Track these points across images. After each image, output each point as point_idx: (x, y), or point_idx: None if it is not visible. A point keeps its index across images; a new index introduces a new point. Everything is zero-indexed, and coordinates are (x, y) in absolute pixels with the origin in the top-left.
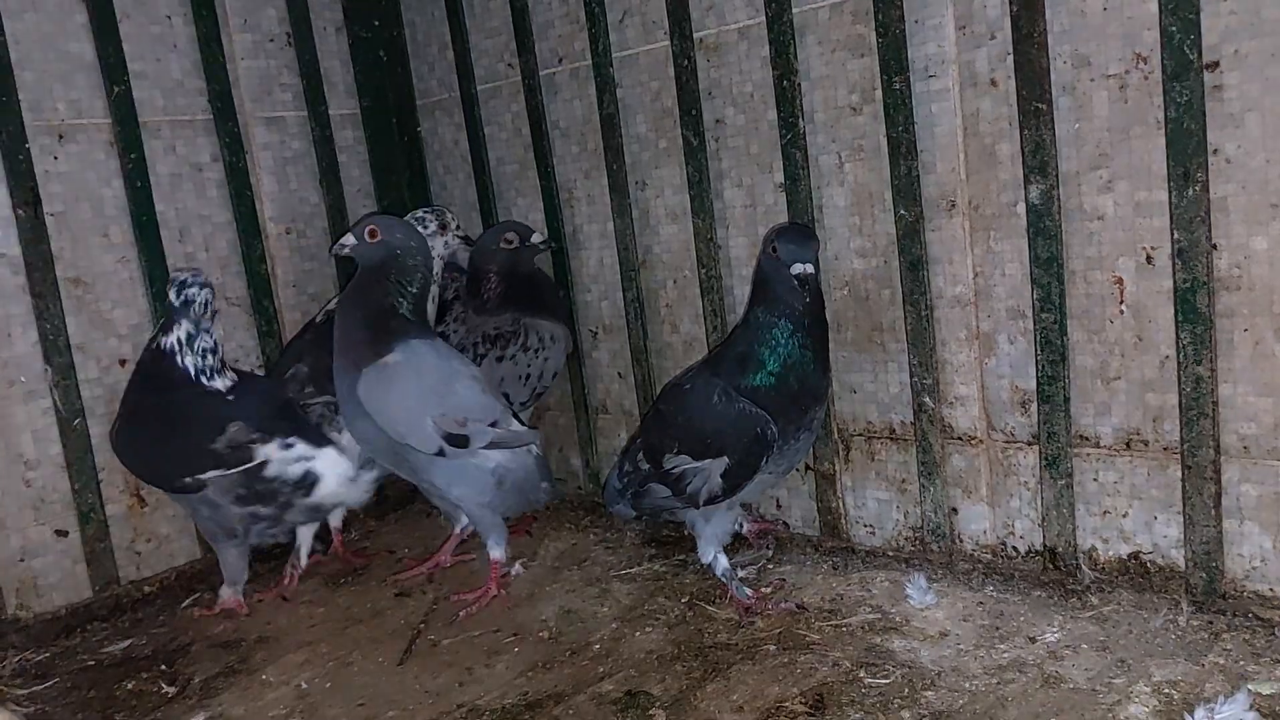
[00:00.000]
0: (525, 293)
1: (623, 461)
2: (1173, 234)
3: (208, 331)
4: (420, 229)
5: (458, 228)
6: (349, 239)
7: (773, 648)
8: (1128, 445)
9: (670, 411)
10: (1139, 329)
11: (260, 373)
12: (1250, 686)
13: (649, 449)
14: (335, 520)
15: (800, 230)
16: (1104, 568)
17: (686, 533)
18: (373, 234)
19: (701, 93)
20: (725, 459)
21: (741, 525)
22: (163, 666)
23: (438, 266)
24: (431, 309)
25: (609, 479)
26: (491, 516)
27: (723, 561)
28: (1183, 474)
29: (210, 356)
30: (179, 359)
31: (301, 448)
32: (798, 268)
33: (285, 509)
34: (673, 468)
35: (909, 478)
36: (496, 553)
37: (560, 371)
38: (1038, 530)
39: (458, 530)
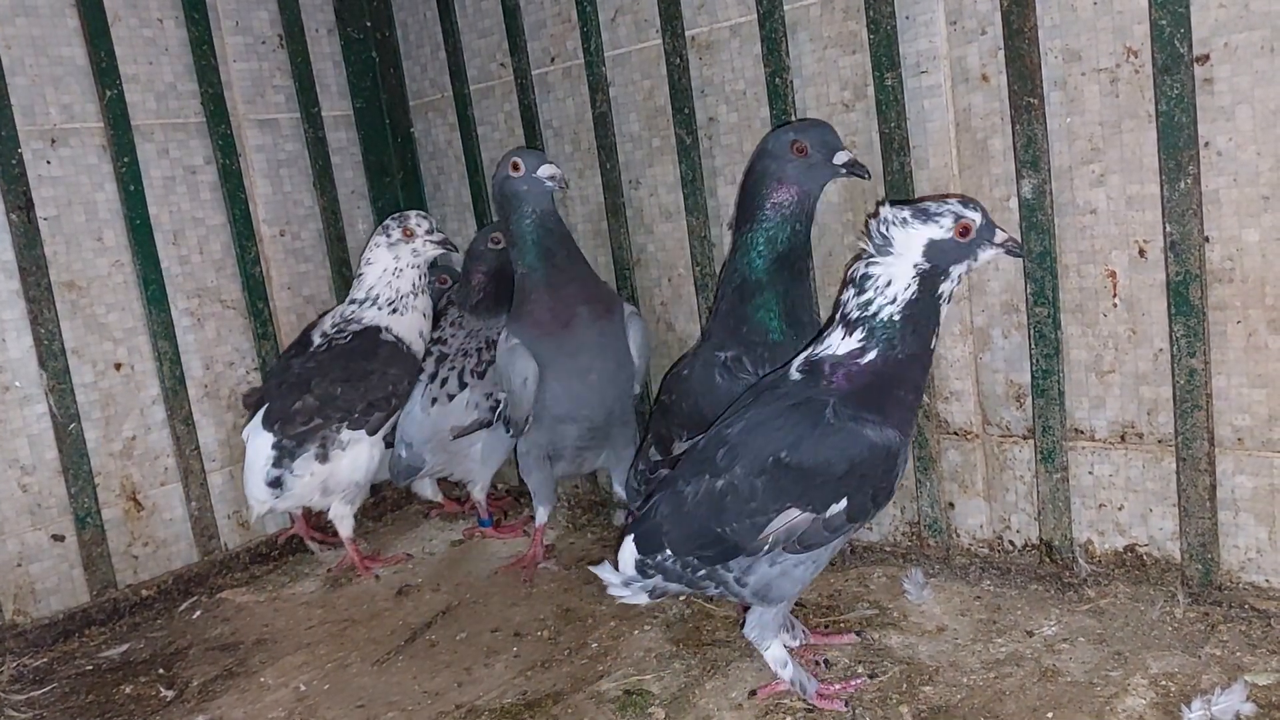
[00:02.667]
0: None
1: (637, 460)
2: (1165, 227)
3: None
4: (384, 237)
5: (429, 232)
6: (556, 169)
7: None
8: (1122, 438)
9: (673, 400)
10: (1132, 322)
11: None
12: (1247, 677)
13: (659, 440)
14: (346, 530)
15: (817, 122)
16: (1100, 561)
17: None
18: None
19: (694, 91)
20: None
21: None
22: (161, 670)
23: (413, 276)
24: (426, 325)
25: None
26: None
27: None
28: (1178, 466)
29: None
30: None
31: None
32: (842, 155)
33: None
34: (682, 453)
35: (905, 473)
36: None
37: None
38: (1034, 524)
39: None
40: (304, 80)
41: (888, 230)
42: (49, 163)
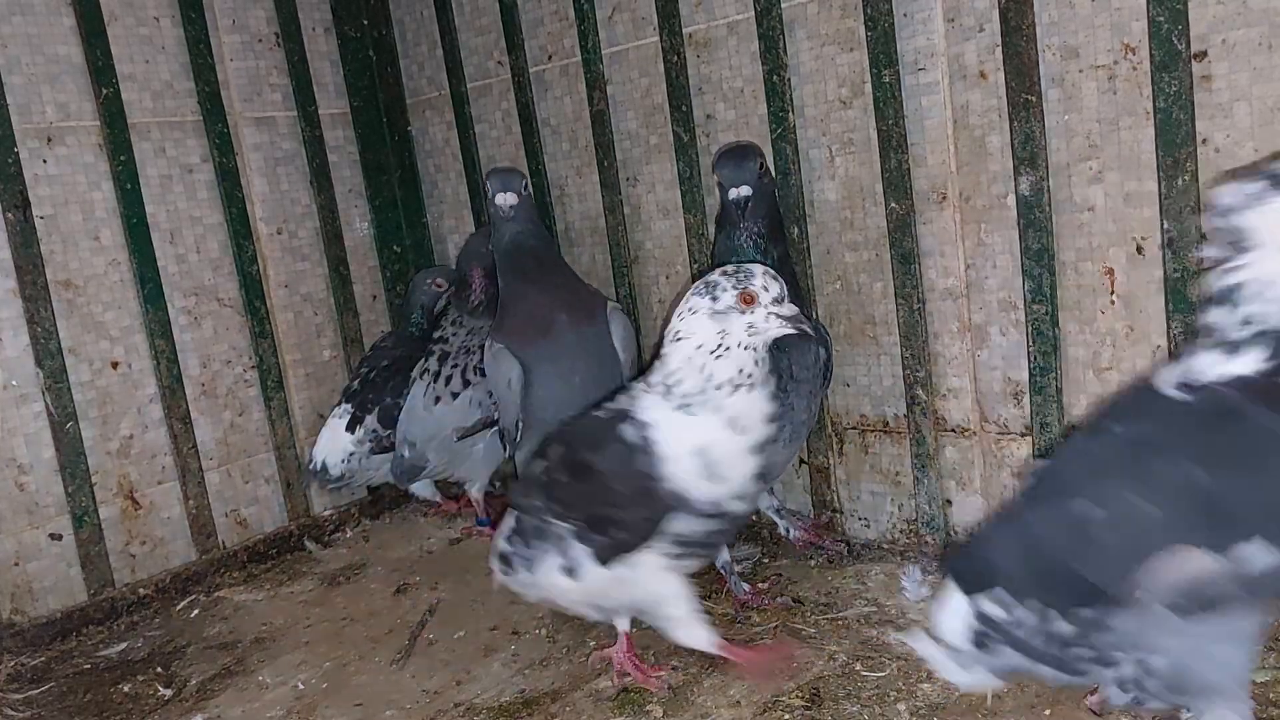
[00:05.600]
0: None
1: None
2: (1163, 224)
3: None
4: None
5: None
6: (513, 197)
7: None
8: None
9: None
10: (1130, 319)
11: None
12: None
13: None
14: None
15: (736, 151)
16: None
17: None
18: (526, 186)
19: (691, 88)
20: None
21: (789, 531)
22: (159, 669)
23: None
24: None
25: None
26: None
27: (723, 554)
28: None
29: None
30: None
31: None
32: (733, 193)
33: None
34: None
35: (903, 470)
36: None
37: None
38: None
39: None
40: (301, 78)
41: (1236, 219)
42: (45, 161)
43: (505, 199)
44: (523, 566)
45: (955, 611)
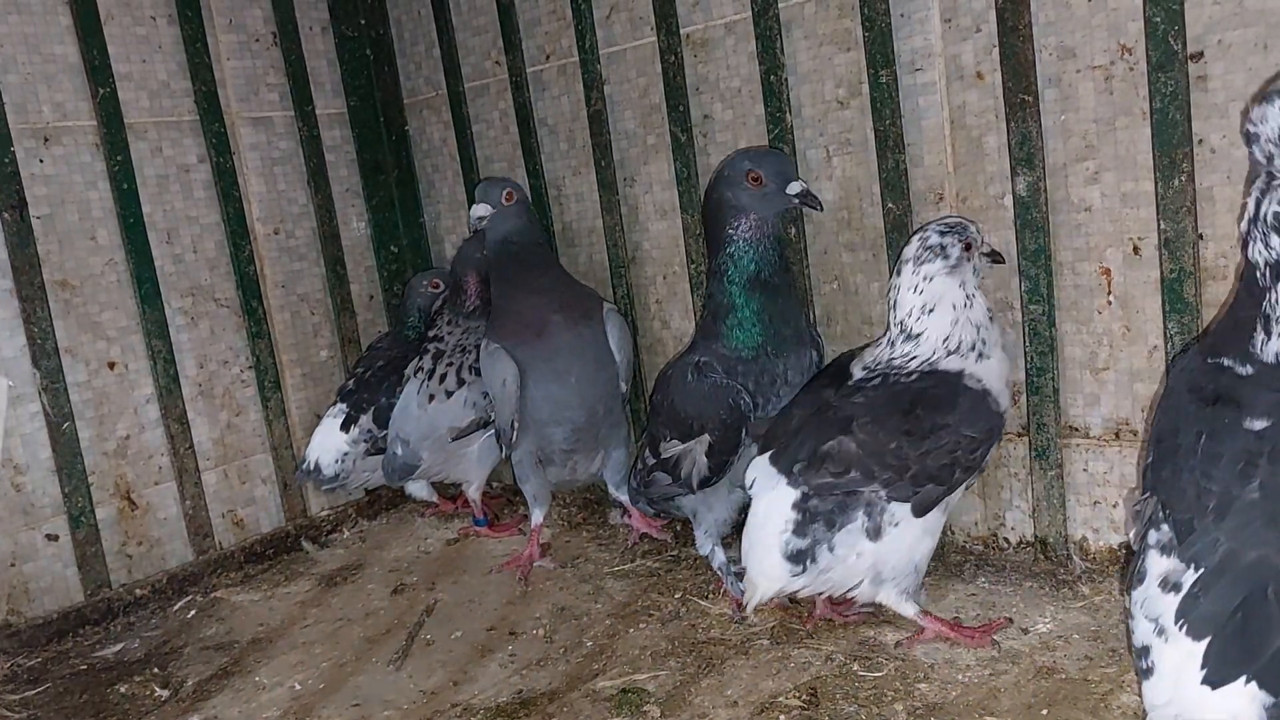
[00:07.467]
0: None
1: (636, 459)
2: (1159, 224)
3: None
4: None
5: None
6: (483, 209)
7: (766, 642)
8: (1116, 435)
9: (659, 399)
10: (1127, 319)
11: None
12: None
13: (651, 439)
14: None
15: (772, 151)
16: (1095, 558)
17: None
18: (509, 196)
19: (689, 88)
20: (706, 436)
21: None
22: (155, 670)
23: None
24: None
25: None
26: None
27: (720, 555)
28: None
29: None
30: None
31: None
32: (795, 186)
33: None
34: (668, 454)
35: None
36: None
37: None
38: (1028, 521)
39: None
40: (298, 78)
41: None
42: (42, 161)
43: (476, 210)
44: (824, 550)
45: None
